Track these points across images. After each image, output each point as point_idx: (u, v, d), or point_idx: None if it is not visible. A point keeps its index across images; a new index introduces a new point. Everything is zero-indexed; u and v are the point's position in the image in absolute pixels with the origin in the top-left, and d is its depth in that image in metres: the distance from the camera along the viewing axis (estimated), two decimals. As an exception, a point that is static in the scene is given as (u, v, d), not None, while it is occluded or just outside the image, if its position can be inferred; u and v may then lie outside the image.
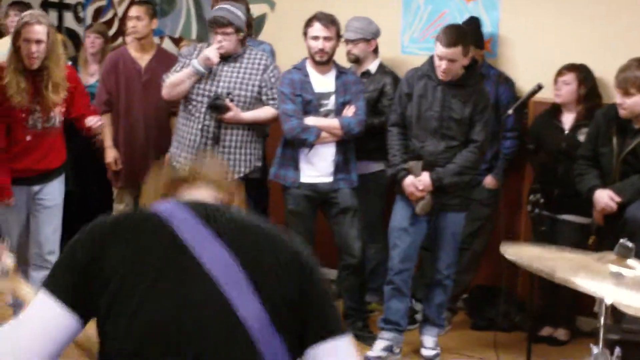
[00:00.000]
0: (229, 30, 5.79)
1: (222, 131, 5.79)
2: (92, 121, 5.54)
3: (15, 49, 5.24)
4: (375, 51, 6.36)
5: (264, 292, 2.09)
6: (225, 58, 5.85)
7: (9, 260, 2.64)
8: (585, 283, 2.65)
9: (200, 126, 5.79)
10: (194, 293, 2.07)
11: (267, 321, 2.07)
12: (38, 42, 5.18)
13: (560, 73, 5.83)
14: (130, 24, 6.69)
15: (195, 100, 5.83)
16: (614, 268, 2.74)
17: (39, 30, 5.19)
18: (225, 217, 2.21)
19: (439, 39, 5.36)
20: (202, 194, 2.35)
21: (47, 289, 2.09)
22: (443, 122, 5.43)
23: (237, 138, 5.84)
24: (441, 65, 5.34)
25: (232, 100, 5.75)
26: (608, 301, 2.73)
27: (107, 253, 2.09)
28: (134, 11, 6.70)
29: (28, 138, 5.33)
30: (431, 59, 5.48)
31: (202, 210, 2.19)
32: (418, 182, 5.43)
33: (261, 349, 2.06)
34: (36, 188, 5.46)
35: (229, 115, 5.74)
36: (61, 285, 2.09)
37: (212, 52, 5.76)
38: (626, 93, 5.11)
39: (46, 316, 2.06)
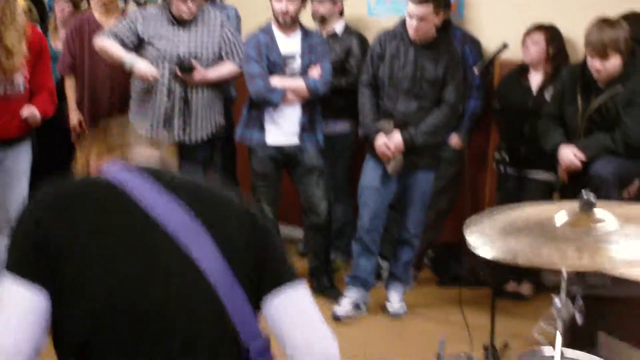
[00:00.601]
0: None
1: (189, 93, 5.77)
2: (26, 112, 5.32)
3: None
4: (341, 13, 6.36)
5: (221, 244, 2.10)
6: (182, 22, 5.80)
7: None
8: (550, 260, 2.62)
9: (165, 90, 5.75)
10: (156, 253, 2.07)
11: (227, 272, 2.09)
12: None
13: (528, 33, 5.83)
14: None
15: (156, 64, 5.74)
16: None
17: None
18: (175, 178, 2.23)
19: None
20: (143, 154, 2.35)
21: (10, 271, 2.03)
22: (415, 83, 5.44)
23: (205, 98, 5.83)
24: (412, 24, 5.35)
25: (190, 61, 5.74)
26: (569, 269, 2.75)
27: (60, 223, 2.05)
28: None
29: None
30: (403, 21, 5.49)
31: (151, 171, 2.20)
32: (390, 141, 5.45)
33: (224, 301, 2.07)
34: (1, 154, 5.35)
35: (197, 76, 5.72)
36: (22, 262, 2.03)
37: (147, 71, 5.70)
38: (604, 55, 5.06)
39: (19, 302, 2.00)
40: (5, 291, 2.02)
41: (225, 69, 5.88)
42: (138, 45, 5.81)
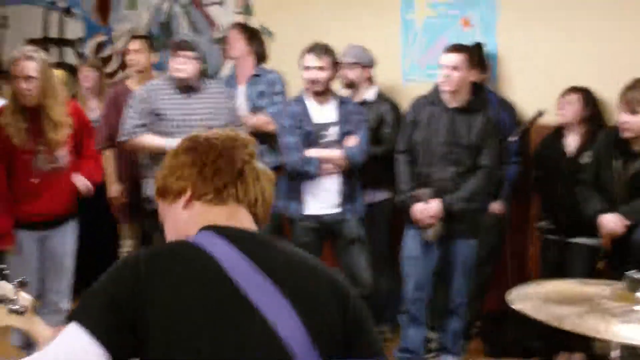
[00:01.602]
0: (190, 54, 5.80)
1: None
2: (79, 182, 5.37)
3: (13, 89, 5.14)
4: (371, 80, 6.36)
5: (307, 318, 2.05)
6: (187, 90, 5.84)
7: (25, 300, 2.61)
8: (595, 328, 2.60)
9: None
10: (244, 330, 2.01)
11: (311, 347, 2.04)
12: (28, 78, 5.05)
13: (564, 94, 5.82)
14: (129, 57, 6.72)
15: (172, 135, 5.67)
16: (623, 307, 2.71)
17: (28, 66, 5.06)
18: (262, 246, 2.17)
19: (444, 50, 5.45)
20: (238, 215, 2.25)
21: (79, 322, 1.96)
22: (450, 148, 5.45)
23: None
24: (445, 74, 5.38)
25: None
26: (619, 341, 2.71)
27: (147, 289, 1.99)
28: (133, 44, 6.72)
29: (34, 181, 5.19)
30: (436, 86, 5.51)
31: (239, 239, 2.13)
32: (427, 209, 5.42)
33: None
34: (46, 234, 5.32)
35: None
36: (94, 319, 1.96)
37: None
38: (633, 112, 5.09)
39: (77, 348, 1.94)
40: (70, 332, 1.97)
41: None
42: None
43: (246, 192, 2.24)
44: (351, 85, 6.30)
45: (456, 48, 5.49)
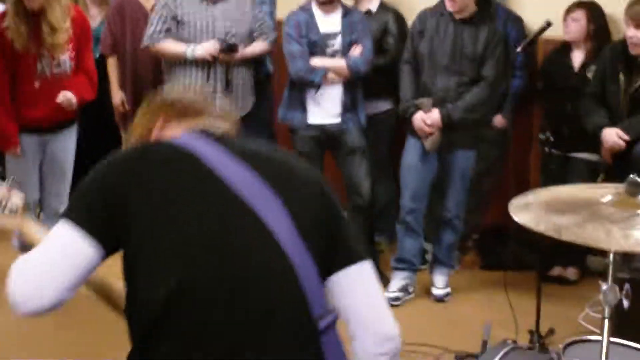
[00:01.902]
0: None
1: (230, 73, 5.74)
2: (61, 97, 5.27)
3: None
4: None
5: (292, 210, 2.09)
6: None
7: (17, 199, 2.61)
8: (593, 237, 2.58)
9: (206, 70, 5.72)
10: (229, 217, 2.05)
11: (300, 243, 2.07)
12: None
13: (569, 10, 5.76)
14: None
15: (194, 42, 5.72)
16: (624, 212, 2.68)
17: None
18: (247, 147, 2.21)
19: None
20: (213, 125, 2.29)
21: (68, 218, 2.04)
22: (454, 59, 5.41)
23: (242, 77, 5.84)
24: None
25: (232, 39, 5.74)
26: (616, 249, 2.69)
27: (132, 183, 2.05)
28: None
29: (37, 85, 5.18)
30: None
31: (222, 140, 2.19)
32: (427, 117, 5.40)
33: (298, 272, 2.05)
34: (48, 138, 5.34)
35: (237, 55, 5.71)
36: (82, 213, 2.04)
37: (206, 52, 5.66)
38: (639, 26, 5.04)
39: (67, 243, 2.01)
40: (59, 229, 2.04)
41: (258, 47, 5.89)
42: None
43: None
44: (356, -5, 6.25)
45: None
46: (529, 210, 2.83)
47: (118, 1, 6.52)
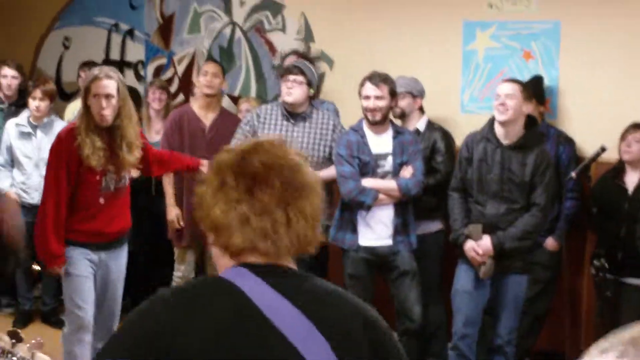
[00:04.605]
0: (300, 79, 5.85)
1: None
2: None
3: (86, 107, 5.04)
4: (422, 110, 6.33)
5: (342, 354, 2.03)
6: (295, 117, 5.89)
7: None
8: None
9: None
10: None
11: None
12: (108, 96, 4.97)
13: (630, 130, 5.72)
14: (206, 78, 6.64)
15: None
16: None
17: (109, 85, 4.99)
18: (295, 281, 2.15)
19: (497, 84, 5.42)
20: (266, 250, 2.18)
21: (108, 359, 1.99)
22: (504, 185, 5.39)
23: None
24: (500, 103, 5.33)
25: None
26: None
27: (176, 328, 1.97)
28: (211, 67, 6.71)
29: (101, 201, 5.13)
30: (490, 121, 5.46)
31: (271, 274, 2.11)
32: (478, 246, 5.37)
33: None
34: (103, 254, 5.25)
35: None
36: (123, 356, 1.96)
37: None
38: None
39: None
40: None
41: (333, 171, 5.86)
42: None
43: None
44: (402, 115, 6.28)
45: (511, 80, 5.47)
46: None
47: (176, 114, 6.63)
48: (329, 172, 5.86)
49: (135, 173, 5.44)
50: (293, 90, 5.86)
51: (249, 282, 2.08)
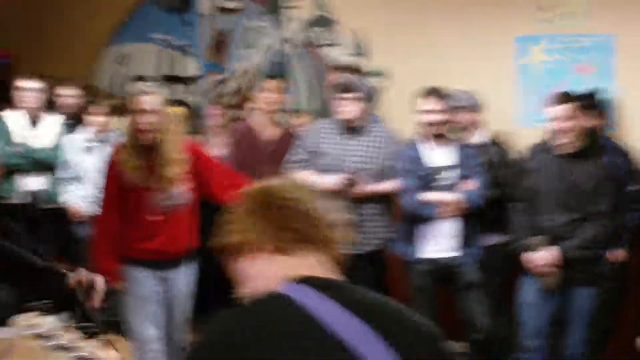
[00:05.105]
0: (355, 95, 5.89)
1: (357, 206, 5.81)
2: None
3: (130, 124, 5.08)
4: (479, 124, 6.36)
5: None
6: (351, 131, 5.93)
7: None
8: None
9: (333, 202, 5.78)
10: None
11: None
12: (148, 112, 5.00)
13: None
14: (266, 95, 6.68)
15: (330, 173, 5.85)
16: None
17: (149, 101, 5.02)
18: (351, 292, 2.10)
19: (549, 103, 5.41)
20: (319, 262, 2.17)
21: None
22: (566, 195, 5.40)
23: (371, 212, 5.89)
24: (554, 126, 5.35)
25: (359, 174, 5.83)
26: None
27: (246, 347, 1.92)
28: (273, 84, 6.75)
29: (151, 218, 5.11)
30: (550, 133, 5.48)
31: (328, 286, 2.08)
32: (543, 257, 5.40)
33: None
34: (166, 273, 5.22)
35: (359, 189, 5.80)
36: None
37: (332, 181, 5.75)
38: None
39: None
40: None
41: (390, 185, 5.91)
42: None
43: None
44: (460, 129, 6.29)
45: (564, 98, 5.42)
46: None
47: (236, 131, 6.69)
48: (386, 184, 5.91)
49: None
50: (349, 108, 5.90)
51: (309, 297, 2.04)
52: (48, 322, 2.66)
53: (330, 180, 5.75)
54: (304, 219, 2.17)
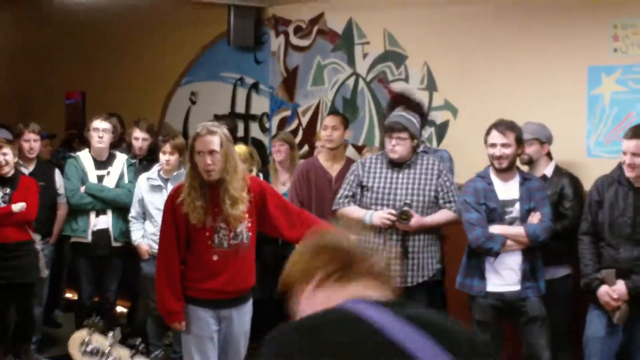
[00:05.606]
0: (404, 135, 5.89)
1: (407, 240, 5.84)
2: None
3: (192, 165, 5.05)
4: (549, 156, 6.28)
5: None
6: (399, 165, 5.94)
7: None
8: None
9: (382, 236, 5.80)
10: None
11: None
12: (212, 152, 4.96)
13: None
14: (325, 133, 6.76)
15: (374, 208, 5.92)
16: None
17: (212, 141, 4.98)
18: (414, 309, 2.09)
19: (625, 135, 5.33)
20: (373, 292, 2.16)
21: None
22: (637, 228, 5.31)
23: (420, 243, 5.90)
24: (626, 161, 5.25)
25: (410, 207, 5.80)
26: None
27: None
28: (331, 121, 6.82)
29: (215, 258, 5.08)
30: (620, 164, 5.39)
31: (388, 303, 2.08)
32: (613, 291, 5.28)
33: None
34: (225, 312, 5.21)
35: (413, 222, 5.78)
36: None
37: (383, 216, 5.84)
38: None
39: None
40: None
41: (443, 216, 5.95)
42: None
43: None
44: (529, 161, 6.24)
45: (637, 133, 5.33)
46: None
47: (303, 167, 6.75)
48: (437, 217, 5.95)
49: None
50: (397, 148, 5.94)
51: (372, 311, 2.02)
52: (99, 340, 2.69)
53: (380, 215, 5.82)
54: (361, 257, 2.21)
